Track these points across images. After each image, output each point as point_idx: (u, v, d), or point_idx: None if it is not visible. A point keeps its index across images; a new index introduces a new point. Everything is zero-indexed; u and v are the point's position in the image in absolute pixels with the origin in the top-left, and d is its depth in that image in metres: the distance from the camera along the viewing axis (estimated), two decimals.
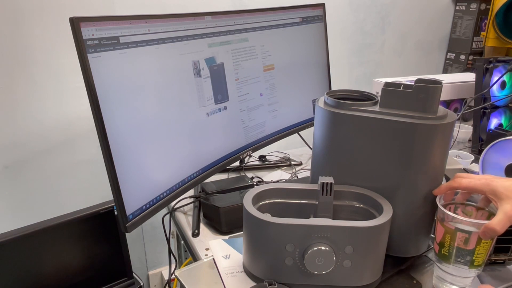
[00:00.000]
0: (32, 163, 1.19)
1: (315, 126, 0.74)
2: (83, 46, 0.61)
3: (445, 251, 0.63)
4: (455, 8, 1.90)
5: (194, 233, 0.85)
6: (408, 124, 0.64)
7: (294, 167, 1.18)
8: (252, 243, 0.67)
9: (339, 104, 0.69)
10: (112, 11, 1.20)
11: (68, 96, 1.19)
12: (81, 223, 0.94)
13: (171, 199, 0.80)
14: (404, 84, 0.67)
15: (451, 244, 0.62)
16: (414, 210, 0.70)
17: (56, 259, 0.93)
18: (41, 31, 1.11)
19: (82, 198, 1.18)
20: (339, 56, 1.68)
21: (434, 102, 0.65)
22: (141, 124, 0.72)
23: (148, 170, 0.74)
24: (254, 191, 0.70)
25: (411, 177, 0.67)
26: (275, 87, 1.06)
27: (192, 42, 0.83)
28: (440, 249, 0.64)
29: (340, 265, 0.63)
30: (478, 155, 1.11)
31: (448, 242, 0.62)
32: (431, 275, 0.71)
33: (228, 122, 0.94)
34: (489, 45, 1.62)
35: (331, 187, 0.67)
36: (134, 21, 0.70)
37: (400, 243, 0.72)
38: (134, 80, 0.70)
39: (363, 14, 1.69)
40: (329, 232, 0.61)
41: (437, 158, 0.67)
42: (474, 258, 0.61)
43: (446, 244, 0.63)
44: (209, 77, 0.87)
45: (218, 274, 0.72)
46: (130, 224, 0.70)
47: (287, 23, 1.07)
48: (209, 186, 0.93)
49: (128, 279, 1.05)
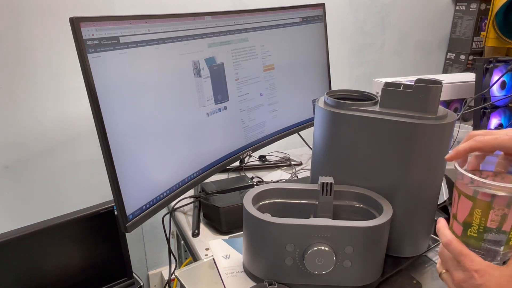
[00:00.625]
0: (32, 163, 1.19)
1: (315, 126, 0.74)
2: (83, 46, 0.61)
3: (473, 231, 0.50)
4: (455, 8, 1.90)
5: (194, 233, 0.85)
6: (408, 124, 0.64)
7: (294, 167, 1.18)
8: (252, 243, 0.67)
9: (339, 104, 0.69)
10: (112, 11, 1.20)
11: (68, 96, 1.18)
12: (81, 223, 0.94)
13: (171, 199, 0.80)
14: (404, 84, 0.67)
15: (481, 222, 0.49)
16: (414, 210, 0.70)
17: (56, 259, 0.93)
18: (41, 31, 1.11)
19: (82, 198, 1.18)
20: (339, 56, 1.68)
21: (434, 102, 0.65)
22: (141, 124, 0.72)
23: (148, 170, 0.74)
24: (254, 191, 0.70)
25: (411, 177, 0.67)
26: (275, 87, 1.06)
27: (192, 42, 0.83)
28: (465, 231, 0.50)
29: (340, 265, 0.63)
30: None
31: (478, 219, 0.49)
32: (431, 275, 0.71)
33: (228, 122, 0.94)
34: (489, 45, 1.62)
35: (331, 187, 0.67)
36: (134, 21, 0.70)
37: (400, 243, 0.72)
38: (134, 80, 0.70)
39: (363, 14, 1.69)
40: (329, 232, 0.61)
41: (437, 158, 0.67)
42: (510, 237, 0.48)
43: (475, 222, 0.49)
44: (209, 77, 0.87)
45: (218, 274, 0.72)
46: (130, 224, 0.70)
47: (287, 23, 1.07)
48: (209, 186, 0.93)
49: (128, 279, 1.05)
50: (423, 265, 0.74)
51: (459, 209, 0.51)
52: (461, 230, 0.51)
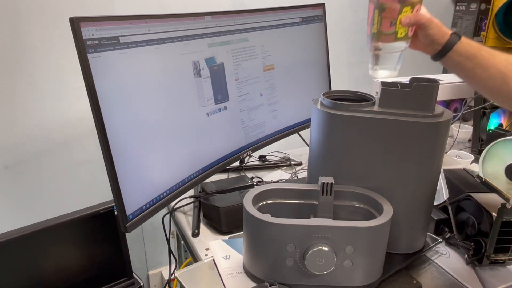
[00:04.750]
0: (32, 163, 1.19)
1: (312, 128, 0.74)
2: (83, 46, 0.61)
3: (374, 29, 0.69)
4: (455, 8, 1.90)
5: (194, 233, 0.85)
6: (407, 123, 0.65)
7: (294, 167, 1.18)
8: (253, 243, 0.67)
9: (338, 106, 0.69)
10: (112, 11, 1.20)
11: (68, 96, 1.18)
12: (81, 223, 0.94)
13: (171, 199, 0.80)
14: (401, 84, 0.68)
15: (379, 19, 0.67)
16: (411, 207, 0.70)
17: (56, 259, 0.93)
18: (41, 31, 1.11)
19: (82, 198, 1.18)
20: (339, 56, 1.68)
21: (432, 101, 0.66)
22: (141, 124, 0.72)
23: (148, 170, 0.74)
24: (254, 191, 0.70)
25: (409, 175, 0.68)
26: (275, 87, 1.06)
27: (192, 42, 0.83)
28: (371, 30, 0.70)
29: (341, 265, 0.63)
30: (478, 155, 1.11)
31: (376, 17, 0.67)
32: (431, 275, 0.72)
33: (228, 122, 0.94)
34: (489, 45, 1.62)
35: (331, 187, 0.67)
36: (134, 21, 0.70)
37: (397, 241, 0.72)
38: (134, 80, 0.70)
39: (363, 14, 1.68)
40: (330, 232, 0.61)
41: (435, 156, 0.67)
42: (397, 30, 0.67)
43: (375, 21, 0.68)
44: (209, 77, 0.87)
45: (218, 275, 0.72)
46: (130, 224, 0.70)
47: (287, 23, 1.07)
48: (209, 186, 0.93)
49: (128, 279, 1.05)
50: (423, 265, 0.74)
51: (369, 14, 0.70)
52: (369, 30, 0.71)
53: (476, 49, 0.69)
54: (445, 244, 0.80)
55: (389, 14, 0.67)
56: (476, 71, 0.69)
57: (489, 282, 0.70)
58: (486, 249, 0.71)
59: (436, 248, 0.78)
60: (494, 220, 0.68)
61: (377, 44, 0.70)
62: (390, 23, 0.67)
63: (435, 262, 0.75)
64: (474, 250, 0.73)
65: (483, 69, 0.68)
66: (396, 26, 0.67)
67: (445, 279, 0.71)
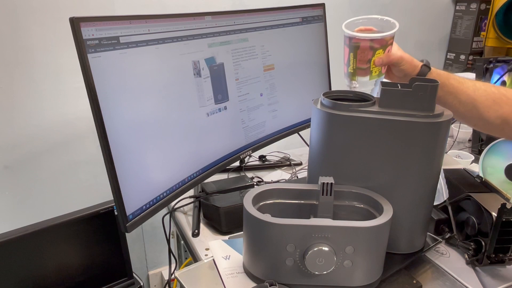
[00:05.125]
0: (32, 163, 1.19)
1: (312, 128, 0.74)
2: (83, 46, 0.61)
3: (351, 69, 0.76)
4: (455, 8, 1.90)
5: (194, 233, 0.85)
6: (407, 123, 0.65)
7: (294, 167, 1.18)
8: (253, 243, 0.67)
9: (338, 106, 0.69)
10: (112, 11, 1.20)
11: (68, 96, 1.18)
12: (81, 223, 0.94)
13: (171, 199, 0.80)
14: (401, 84, 0.68)
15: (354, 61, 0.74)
16: (411, 206, 0.70)
17: (56, 259, 0.93)
18: (41, 31, 1.11)
19: (82, 198, 1.18)
20: (339, 56, 1.67)
21: (432, 101, 0.66)
22: (141, 124, 0.72)
23: (148, 170, 0.74)
24: (254, 191, 0.70)
25: (409, 174, 0.68)
26: (275, 87, 1.06)
27: (192, 42, 0.83)
28: (347, 69, 0.77)
29: (341, 265, 0.63)
30: (478, 155, 1.11)
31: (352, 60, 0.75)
32: (431, 275, 0.72)
33: (228, 122, 0.94)
34: (489, 45, 1.62)
35: (331, 187, 0.67)
36: (134, 21, 0.69)
37: (397, 240, 0.72)
38: (134, 80, 0.70)
39: (363, 14, 1.68)
40: (330, 232, 0.61)
41: (435, 156, 0.67)
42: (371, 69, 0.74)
43: (351, 63, 0.75)
44: (209, 77, 0.87)
45: (218, 275, 0.72)
46: (130, 224, 0.70)
47: (287, 23, 1.07)
48: (209, 186, 0.93)
49: (128, 279, 1.05)
50: (423, 265, 0.74)
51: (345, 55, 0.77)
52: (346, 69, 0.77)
53: (445, 78, 0.75)
54: (445, 244, 0.80)
55: (363, 58, 0.74)
56: (447, 99, 0.75)
57: (489, 282, 0.70)
58: (486, 249, 0.71)
59: (436, 248, 0.78)
60: (494, 220, 0.68)
61: (354, 80, 0.78)
62: (365, 64, 0.74)
63: (435, 262, 0.75)
64: (474, 250, 0.73)
65: (453, 96, 0.75)
66: (371, 66, 0.74)
67: (445, 279, 0.71)
